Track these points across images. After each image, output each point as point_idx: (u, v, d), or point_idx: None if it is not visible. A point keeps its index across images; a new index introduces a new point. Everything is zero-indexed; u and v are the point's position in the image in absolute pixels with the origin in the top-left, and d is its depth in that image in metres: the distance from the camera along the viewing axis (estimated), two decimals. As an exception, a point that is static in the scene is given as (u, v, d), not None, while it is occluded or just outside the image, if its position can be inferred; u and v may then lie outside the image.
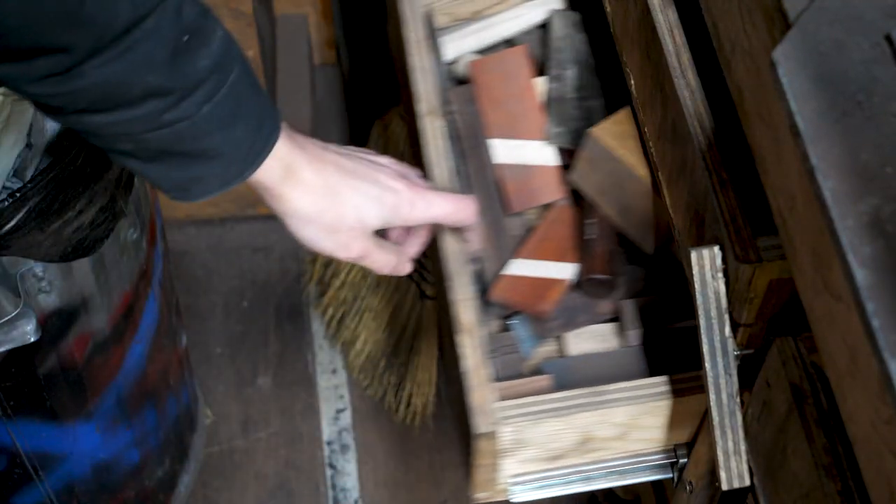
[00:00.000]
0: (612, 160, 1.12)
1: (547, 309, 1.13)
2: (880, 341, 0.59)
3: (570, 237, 1.18)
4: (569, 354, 1.14)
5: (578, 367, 1.12)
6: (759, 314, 0.89)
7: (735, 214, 0.89)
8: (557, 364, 1.13)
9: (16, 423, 1.26)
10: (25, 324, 1.15)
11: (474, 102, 1.25)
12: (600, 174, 1.14)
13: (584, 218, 1.17)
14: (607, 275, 1.12)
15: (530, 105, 1.24)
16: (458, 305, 1.06)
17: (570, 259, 1.16)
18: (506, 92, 1.25)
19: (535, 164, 1.22)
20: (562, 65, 1.26)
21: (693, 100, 0.96)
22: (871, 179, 0.64)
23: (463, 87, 1.26)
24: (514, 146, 1.22)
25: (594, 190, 1.16)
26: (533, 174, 1.21)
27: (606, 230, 1.16)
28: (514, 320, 1.15)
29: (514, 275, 1.15)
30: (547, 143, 1.22)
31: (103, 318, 1.28)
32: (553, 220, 1.20)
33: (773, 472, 0.87)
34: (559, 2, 1.34)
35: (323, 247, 0.97)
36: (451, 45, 1.32)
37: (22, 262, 1.14)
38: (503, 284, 1.15)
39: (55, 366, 1.25)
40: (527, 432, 1.02)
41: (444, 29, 1.34)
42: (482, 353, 1.03)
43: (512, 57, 1.27)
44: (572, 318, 1.15)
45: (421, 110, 1.19)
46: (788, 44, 0.69)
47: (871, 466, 0.65)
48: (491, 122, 1.23)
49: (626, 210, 1.13)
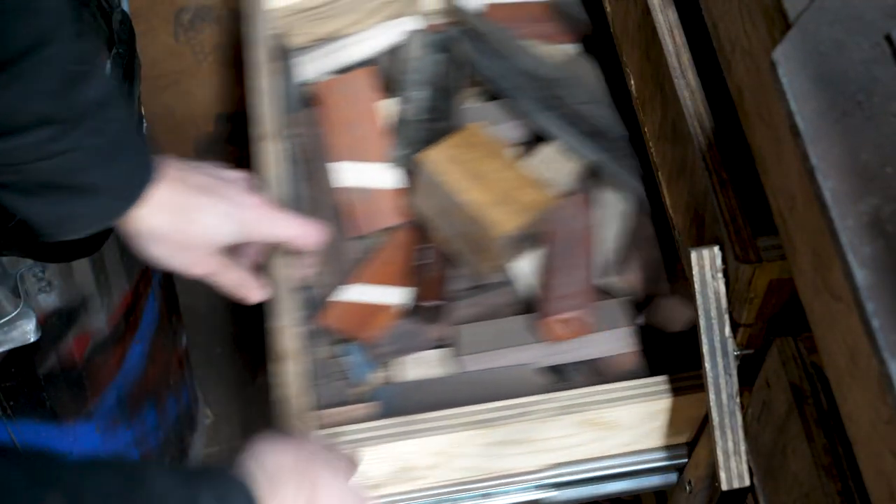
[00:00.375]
0: (438, 185, 1.11)
1: (375, 335, 1.11)
2: (880, 341, 0.59)
3: (408, 262, 1.16)
4: (401, 380, 1.13)
5: (409, 394, 1.10)
6: (758, 314, 0.89)
7: (735, 214, 0.89)
8: (387, 391, 1.11)
9: (16, 423, 1.26)
10: (25, 324, 1.15)
11: (320, 125, 1.23)
12: (433, 199, 1.13)
13: (421, 243, 1.16)
14: (438, 301, 1.11)
15: (375, 127, 1.23)
16: (279, 332, 1.04)
17: (405, 284, 1.15)
18: (352, 114, 1.23)
19: (378, 187, 1.20)
20: (414, 86, 1.25)
21: (693, 100, 0.96)
22: (871, 179, 0.64)
23: (308, 110, 1.23)
24: (358, 169, 1.21)
25: (429, 214, 1.15)
26: (377, 197, 1.20)
27: (441, 255, 1.15)
28: (346, 346, 1.14)
29: (346, 300, 1.13)
30: (391, 166, 1.21)
31: (103, 318, 1.28)
32: (393, 244, 1.18)
33: (772, 473, 0.87)
34: (418, 22, 1.32)
35: (173, 264, 0.97)
36: (308, 66, 1.30)
37: (22, 261, 1.14)
38: (333, 310, 1.13)
39: (55, 366, 1.25)
40: None
41: (300, 49, 1.31)
42: (303, 380, 1.01)
43: (358, 79, 1.26)
44: (405, 344, 1.13)
45: (260, 134, 1.16)
46: (788, 44, 0.69)
47: (870, 466, 0.65)
48: (337, 145, 1.22)
49: (457, 235, 1.12)
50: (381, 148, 1.22)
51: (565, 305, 1.09)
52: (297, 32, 1.30)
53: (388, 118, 1.25)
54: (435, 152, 1.13)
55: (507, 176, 1.12)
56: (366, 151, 1.22)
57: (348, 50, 1.32)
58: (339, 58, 1.31)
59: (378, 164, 1.21)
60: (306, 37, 1.31)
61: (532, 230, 1.12)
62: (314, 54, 1.31)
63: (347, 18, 1.32)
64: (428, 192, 1.14)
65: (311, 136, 1.22)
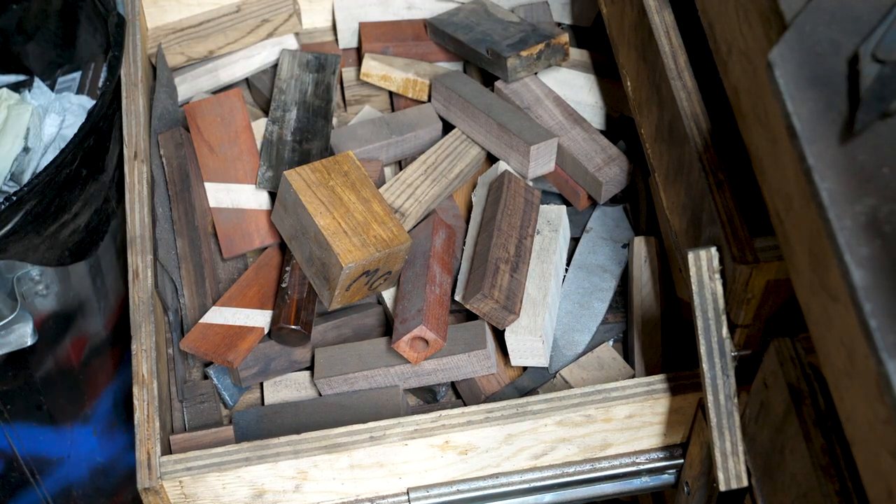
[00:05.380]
0: (299, 206, 1.11)
1: (234, 358, 1.11)
2: (878, 341, 0.59)
3: (273, 284, 1.16)
4: (265, 403, 1.13)
5: (269, 418, 1.10)
6: (756, 315, 0.89)
7: (732, 215, 0.89)
8: (248, 414, 1.11)
9: (13, 427, 1.26)
10: (22, 327, 1.15)
11: (189, 146, 1.22)
12: (292, 219, 1.13)
13: (284, 265, 1.15)
14: (296, 324, 1.10)
15: (245, 148, 1.22)
16: (136, 357, 1.04)
17: (269, 306, 1.14)
18: (222, 135, 1.23)
19: (248, 207, 1.20)
20: (284, 106, 1.25)
21: (690, 101, 0.96)
22: (868, 180, 0.64)
23: (174, 130, 1.23)
24: (227, 190, 1.20)
25: (287, 235, 1.15)
26: (246, 218, 1.19)
27: (301, 277, 1.14)
28: (211, 369, 1.14)
29: (207, 323, 1.13)
30: (258, 186, 1.20)
31: (100, 321, 1.28)
32: (260, 265, 1.18)
33: (770, 473, 0.87)
34: (293, 42, 1.33)
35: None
36: (184, 86, 1.30)
37: (19, 265, 1.14)
38: (194, 334, 1.12)
39: (52, 369, 1.24)
40: (192, 487, 0.99)
41: (179, 68, 1.32)
42: (154, 405, 1.01)
43: (229, 99, 1.25)
44: (268, 367, 1.13)
45: (126, 155, 1.16)
46: (785, 45, 0.69)
47: (868, 466, 0.65)
48: (206, 166, 1.21)
49: (310, 258, 1.12)
50: (252, 168, 1.21)
51: (405, 327, 1.08)
52: (172, 52, 1.30)
53: (260, 138, 1.25)
54: (302, 171, 1.13)
55: (364, 208, 1.11)
56: (236, 172, 1.21)
57: (222, 70, 1.32)
58: (217, 77, 1.32)
59: (248, 185, 1.21)
60: (182, 56, 1.31)
61: (376, 266, 1.10)
62: (188, 74, 1.31)
63: (222, 38, 1.32)
64: (288, 211, 1.13)
65: (181, 156, 1.21)
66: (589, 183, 1.20)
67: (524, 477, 1.05)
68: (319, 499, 1.03)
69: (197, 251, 1.16)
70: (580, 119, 1.23)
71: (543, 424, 1.00)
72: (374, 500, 1.04)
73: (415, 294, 1.10)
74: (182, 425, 1.11)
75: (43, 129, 1.27)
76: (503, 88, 1.25)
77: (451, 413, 1.00)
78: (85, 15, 1.32)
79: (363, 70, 1.32)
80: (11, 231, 1.09)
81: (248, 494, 1.01)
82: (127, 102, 1.20)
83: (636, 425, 1.03)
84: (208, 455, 0.99)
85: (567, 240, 1.20)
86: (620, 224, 1.22)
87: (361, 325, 1.16)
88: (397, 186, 1.20)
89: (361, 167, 1.15)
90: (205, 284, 1.16)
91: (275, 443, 0.99)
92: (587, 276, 1.19)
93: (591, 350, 1.14)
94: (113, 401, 1.36)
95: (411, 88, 1.31)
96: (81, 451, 1.36)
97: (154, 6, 1.32)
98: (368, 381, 1.11)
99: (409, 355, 1.08)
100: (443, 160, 1.23)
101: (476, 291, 1.08)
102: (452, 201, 1.24)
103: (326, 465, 1.00)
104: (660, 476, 1.08)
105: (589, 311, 1.17)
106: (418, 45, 1.34)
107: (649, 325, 1.12)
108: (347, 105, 1.35)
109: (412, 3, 1.36)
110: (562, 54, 1.25)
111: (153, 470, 0.98)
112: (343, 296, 1.10)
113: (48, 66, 1.39)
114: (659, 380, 1.02)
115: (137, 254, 1.10)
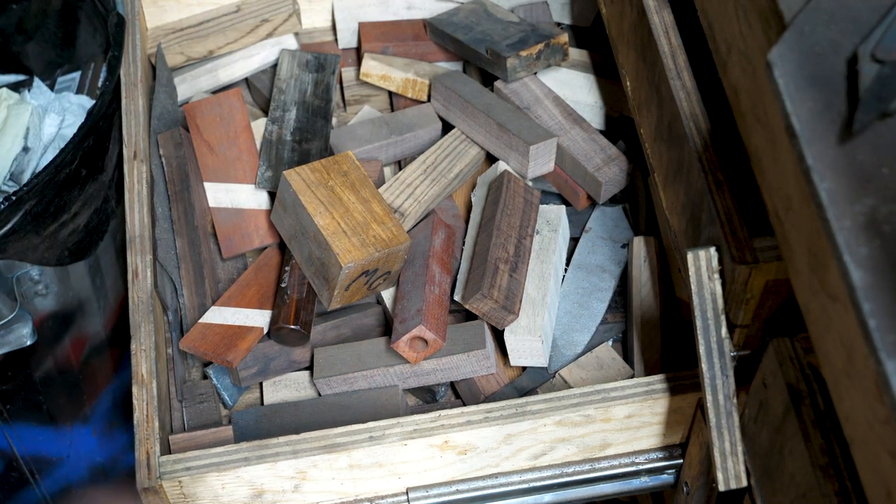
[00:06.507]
0: (298, 205, 1.11)
1: (233, 358, 1.10)
2: (877, 341, 0.59)
3: (273, 283, 1.16)
4: (264, 403, 1.12)
5: (270, 417, 1.10)
6: (755, 315, 0.89)
7: (731, 215, 0.89)
8: (247, 414, 1.11)
9: (12, 427, 1.26)
10: (22, 327, 1.15)
11: (188, 146, 1.22)
12: (291, 219, 1.13)
13: (284, 265, 1.15)
14: (295, 324, 1.10)
15: (244, 148, 1.22)
16: (135, 356, 1.04)
17: (268, 306, 1.14)
18: (221, 134, 1.23)
19: (247, 207, 1.20)
20: (284, 106, 1.25)
21: (689, 101, 0.96)
22: (867, 180, 0.64)
23: (174, 131, 1.23)
24: (226, 190, 1.20)
25: (286, 235, 1.15)
26: (246, 218, 1.19)
27: (301, 277, 1.14)
28: (210, 369, 1.14)
29: (207, 323, 1.12)
30: (258, 186, 1.20)
31: (99, 321, 1.28)
32: (260, 265, 1.18)
33: (770, 473, 0.87)
34: (292, 42, 1.33)
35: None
36: (184, 86, 1.30)
37: (18, 265, 1.14)
38: (193, 334, 1.12)
39: (52, 369, 1.24)
40: (191, 487, 0.99)
41: (179, 68, 1.32)
42: (154, 405, 1.01)
43: (229, 99, 1.25)
44: (267, 367, 1.13)
45: (125, 155, 1.16)
46: (784, 45, 0.69)
47: (867, 466, 0.65)
48: (206, 166, 1.21)
49: (309, 258, 1.12)
50: (251, 168, 1.21)
51: (405, 327, 1.08)
52: (171, 52, 1.30)
53: (259, 138, 1.25)
54: (301, 171, 1.13)
55: (363, 208, 1.11)
56: (235, 172, 1.21)
57: (221, 70, 1.32)
58: (217, 77, 1.32)
59: (247, 184, 1.21)
60: (181, 56, 1.31)
61: (375, 266, 1.10)
62: (188, 74, 1.31)
63: (221, 38, 1.32)
64: (288, 210, 1.13)
65: (180, 156, 1.21)
66: (588, 183, 1.20)
67: (523, 477, 1.05)
68: (319, 499, 1.03)
69: (196, 251, 1.16)
70: (580, 119, 1.24)
71: (543, 424, 1.00)
72: (373, 500, 1.04)
73: (414, 294, 1.10)
74: (181, 425, 1.11)
75: (42, 129, 1.27)
76: (503, 88, 1.25)
77: (450, 413, 1.00)
78: (85, 15, 1.32)
79: (363, 70, 1.32)
80: (11, 231, 1.09)
81: (247, 494, 1.01)
82: (126, 102, 1.20)
83: (635, 425, 1.03)
84: (207, 455, 0.99)
85: (566, 240, 1.20)
86: (620, 224, 1.22)
87: (361, 324, 1.16)
88: (397, 186, 1.20)
89: (361, 167, 1.15)
90: (204, 284, 1.16)
91: (274, 443, 0.99)
92: (586, 276, 1.19)
93: (591, 350, 1.14)
94: (112, 401, 1.36)
95: (411, 88, 1.31)
96: (81, 451, 1.36)
97: (154, 6, 1.32)
98: (368, 380, 1.11)
99: (409, 355, 1.08)
100: (442, 160, 1.23)
101: (475, 291, 1.08)
102: (452, 201, 1.24)
103: (326, 465, 1.00)
104: (659, 476, 1.08)
105: (588, 311, 1.17)
106: (418, 45, 1.34)
107: (648, 325, 1.12)
108: (347, 105, 1.35)
109: (412, 3, 1.36)
110: (561, 54, 1.25)
111: (152, 470, 0.98)
112: (342, 296, 1.10)
113: (48, 65, 1.39)
114: (658, 380, 1.02)
115: (137, 254, 1.10)
